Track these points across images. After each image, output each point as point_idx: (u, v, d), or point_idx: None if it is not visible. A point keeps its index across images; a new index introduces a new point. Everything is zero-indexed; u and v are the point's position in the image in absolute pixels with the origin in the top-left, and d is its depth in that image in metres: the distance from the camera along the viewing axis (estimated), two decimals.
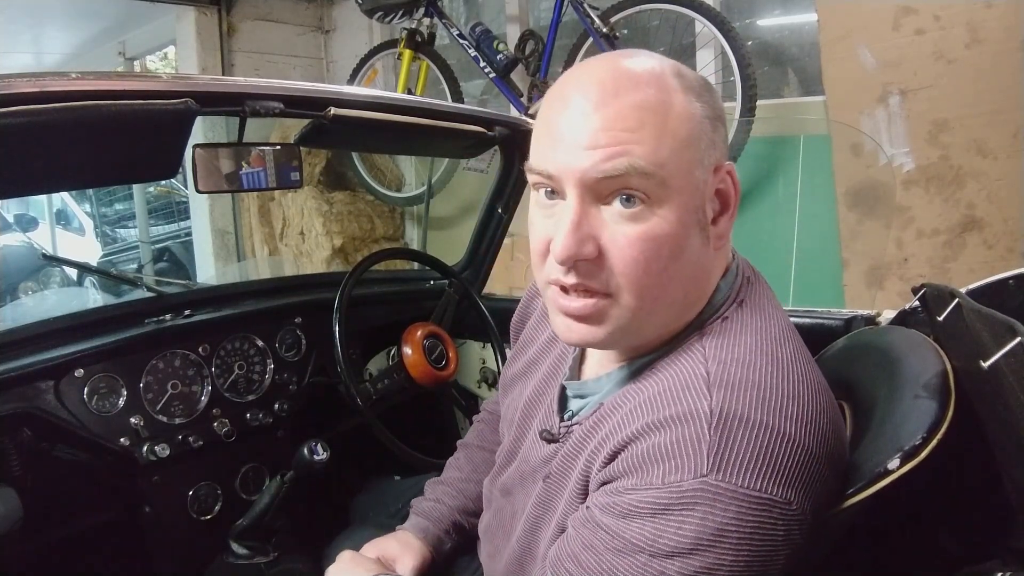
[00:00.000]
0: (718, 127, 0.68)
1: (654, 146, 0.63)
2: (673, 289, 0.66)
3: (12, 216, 5.53)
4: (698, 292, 0.70)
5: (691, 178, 0.65)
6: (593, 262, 0.64)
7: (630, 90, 0.64)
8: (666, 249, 0.64)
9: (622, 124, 0.63)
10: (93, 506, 1.35)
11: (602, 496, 0.63)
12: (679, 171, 0.64)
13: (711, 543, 0.57)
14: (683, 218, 0.64)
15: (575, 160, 0.63)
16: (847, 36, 2.17)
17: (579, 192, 0.64)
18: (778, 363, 0.64)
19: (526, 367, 0.91)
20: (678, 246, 0.65)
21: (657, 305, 0.66)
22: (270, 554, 1.28)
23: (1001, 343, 0.60)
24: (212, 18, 3.76)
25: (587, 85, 0.65)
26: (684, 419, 0.60)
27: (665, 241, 0.64)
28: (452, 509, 1.03)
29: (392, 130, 1.29)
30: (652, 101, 0.64)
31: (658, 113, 0.63)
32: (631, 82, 0.64)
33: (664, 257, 0.64)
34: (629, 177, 0.62)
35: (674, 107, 0.64)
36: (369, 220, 3.65)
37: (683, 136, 0.64)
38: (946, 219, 2.09)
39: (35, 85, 0.84)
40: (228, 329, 1.46)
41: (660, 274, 0.64)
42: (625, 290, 0.65)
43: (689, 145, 0.64)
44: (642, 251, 0.63)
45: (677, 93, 0.65)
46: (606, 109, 0.63)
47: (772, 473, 0.58)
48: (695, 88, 0.67)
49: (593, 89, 0.64)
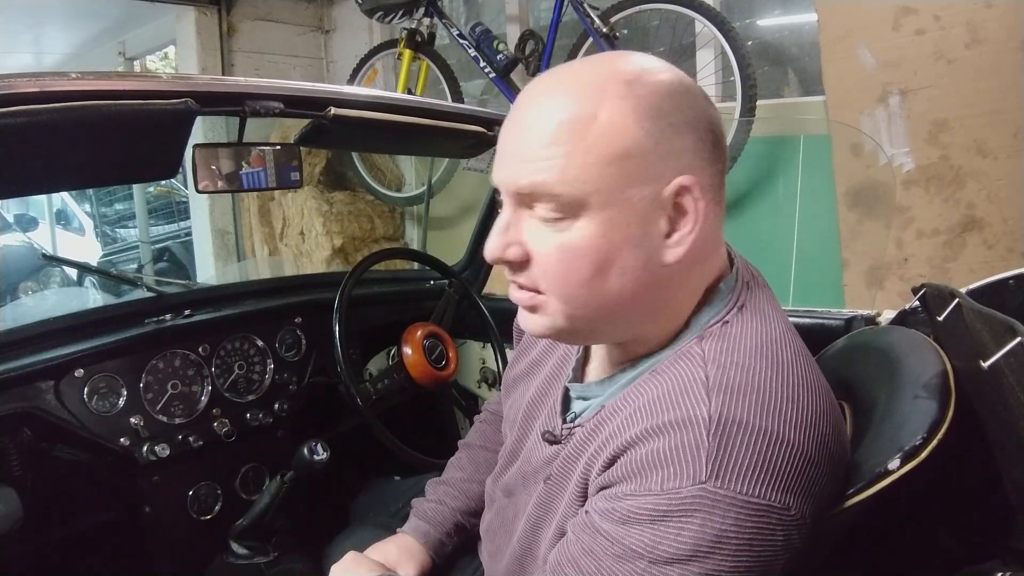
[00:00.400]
0: (675, 138, 0.63)
1: (564, 166, 0.62)
2: (605, 301, 0.66)
3: (12, 216, 5.53)
4: (664, 304, 0.68)
5: (619, 195, 0.62)
6: (523, 264, 0.67)
7: (552, 107, 0.64)
8: (586, 262, 0.64)
9: (536, 140, 0.63)
10: (93, 506, 1.36)
11: (601, 501, 0.63)
12: (600, 188, 0.62)
13: (710, 550, 0.57)
14: (609, 234, 0.63)
15: (502, 172, 0.67)
16: (847, 36, 2.17)
17: (510, 200, 0.67)
18: (778, 367, 0.63)
19: (528, 368, 0.91)
20: (603, 260, 0.64)
21: (593, 312, 0.66)
22: (270, 554, 1.28)
23: (1001, 343, 0.60)
24: (212, 18, 3.76)
25: (524, 97, 0.67)
26: (683, 425, 0.60)
27: (586, 254, 0.64)
28: (454, 511, 1.03)
29: (392, 130, 1.29)
30: (571, 118, 0.62)
31: (575, 130, 0.62)
32: (554, 95, 0.64)
33: (584, 269, 0.64)
34: (540, 195, 0.64)
35: (599, 122, 0.62)
36: (369, 220, 3.65)
37: (608, 152, 0.62)
38: (946, 219, 2.09)
39: (35, 85, 0.84)
40: (228, 329, 1.46)
41: (583, 285, 0.65)
42: (551, 293, 0.67)
43: (613, 163, 0.62)
44: (560, 260, 0.65)
45: (609, 107, 0.62)
46: (524, 123, 0.65)
47: (771, 479, 0.58)
48: (645, 98, 0.63)
49: (525, 101, 0.66)
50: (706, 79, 2.59)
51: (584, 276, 0.64)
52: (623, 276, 0.65)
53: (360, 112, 1.21)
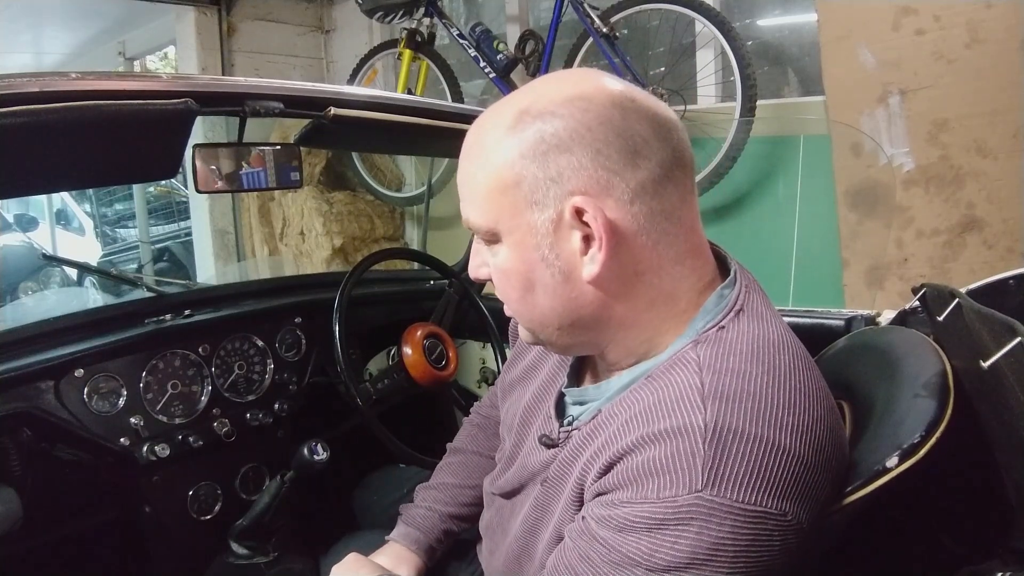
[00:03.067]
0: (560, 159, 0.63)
1: (472, 199, 0.69)
2: (549, 316, 0.70)
3: (12, 216, 5.53)
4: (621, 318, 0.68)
5: (519, 220, 0.66)
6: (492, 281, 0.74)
7: (468, 144, 0.70)
8: (512, 281, 0.70)
9: (461, 177, 0.71)
10: (93, 506, 1.36)
11: (598, 508, 0.63)
12: (503, 217, 0.67)
13: (707, 558, 0.57)
14: (523, 256, 0.68)
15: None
16: (847, 36, 2.17)
17: None
18: (774, 372, 0.63)
19: (525, 372, 0.91)
20: (526, 279, 0.69)
21: (540, 325, 0.72)
22: (270, 554, 1.28)
23: (1001, 343, 0.60)
24: (212, 18, 3.76)
25: None
26: (679, 433, 0.60)
27: (508, 275, 0.70)
28: (443, 516, 1.03)
29: (392, 130, 1.29)
30: (473, 155, 0.69)
31: (474, 167, 0.68)
32: (470, 136, 0.70)
33: (514, 287, 0.70)
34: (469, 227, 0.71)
35: (494, 157, 0.66)
36: (369, 220, 3.65)
37: (499, 184, 0.66)
38: (946, 219, 2.09)
39: (35, 85, 0.84)
40: (228, 329, 1.46)
41: (519, 301, 0.71)
42: (508, 308, 0.74)
43: (507, 190, 0.66)
44: (498, 280, 0.72)
45: (499, 136, 0.66)
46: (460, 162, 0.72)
47: (767, 486, 0.57)
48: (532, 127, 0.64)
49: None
50: (706, 79, 2.60)
51: (517, 295, 0.71)
52: (547, 294, 0.69)
53: (360, 112, 1.21)
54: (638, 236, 0.65)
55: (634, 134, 0.64)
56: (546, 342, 0.74)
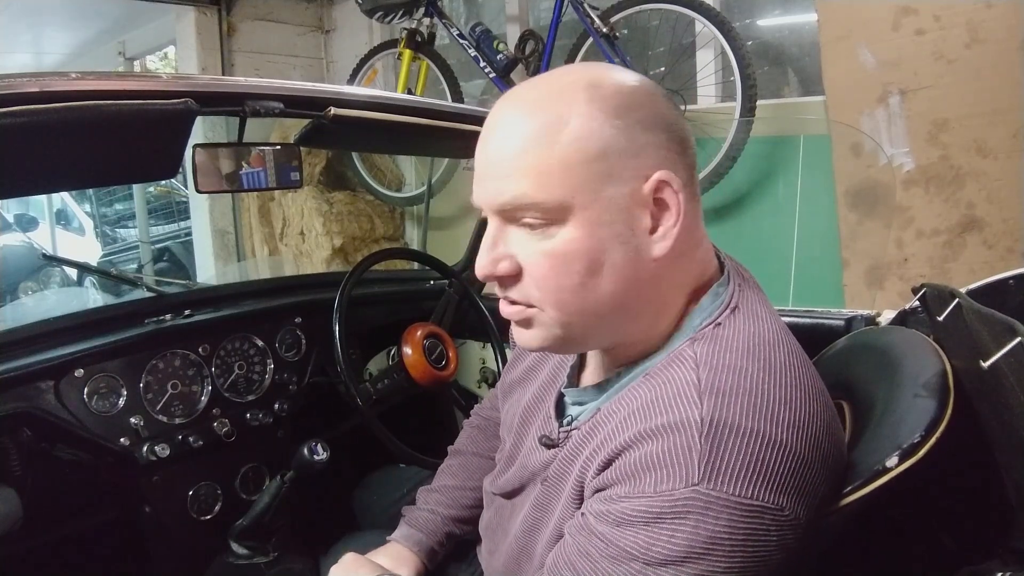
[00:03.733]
0: (642, 136, 0.64)
1: (539, 173, 0.63)
2: (599, 302, 0.66)
3: (12, 216, 5.53)
4: (652, 301, 0.69)
5: (599, 194, 0.64)
6: (515, 278, 0.68)
7: (518, 119, 0.65)
8: (577, 264, 0.65)
9: (509, 153, 0.65)
10: (93, 506, 1.36)
11: (596, 503, 0.64)
12: (580, 190, 0.63)
13: (704, 551, 0.57)
14: (594, 234, 0.64)
15: (481, 191, 0.68)
16: (847, 36, 2.17)
17: (493, 216, 0.68)
18: (771, 368, 0.63)
19: (525, 373, 0.91)
20: (592, 260, 0.65)
21: (587, 317, 0.67)
22: (270, 554, 1.28)
23: (1001, 343, 0.60)
24: (212, 18, 3.76)
25: (491, 116, 0.68)
26: (675, 428, 0.60)
27: (575, 257, 0.65)
28: (446, 519, 1.03)
29: (392, 130, 1.29)
30: (539, 127, 0.64)
31: (545, 139, 0.63)
32: (521, 111, 0.66)
33: (577, 272, 0.65)
34: (520, 208, 0.65)
35: (566, 129, 0.63)
36: (369, 220, 3.65)
37: (579, 157, 0.63)
38: (946, 219, 2.09)
39: (35, 85, 0.84)
40: (228, 329, 1.46)
41: (576, 289, 0.65)
42: (545, 303, 0.67)
43: (589, 164, 0.63)
44: (551, 267, 0.65)
45: (575, 111, 0.64)
46: (494, 139, 0.66)
47: (764, 480, 0.58)
48: (608, 99, 0.64)
49: (492, 120, 0.67)
50: (706, 79, 2.60)
51: (576, 280, 0.65)
52: (614, 274, 0.66)
53: (360, 112, 1.21)
54: (688, 217, 0.67)
55: (683, 127, 0.68)
56: (575, 337, 0.70)
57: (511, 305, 0.70)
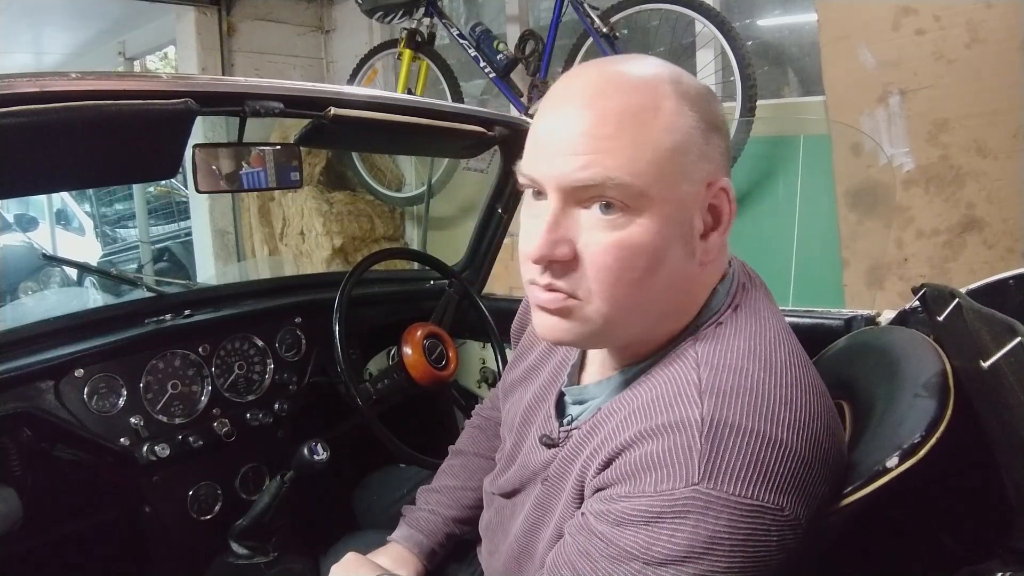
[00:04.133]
0: (713, 138, 0.65)
1: (632, 156, 0.61)
2: (648, 300, 0.65)
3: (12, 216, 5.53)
4: (682, 303, 0.69)
5: (676, 190, 0.63)
6: (567, 264, 0.64)
7: (613, 96, 0.63)
8: (642, 259, 0.63)
9: (602, 131, 0.62)
10: (93, 506, 1.35)
11: (597, 503, 0.63)
12: (661, 182, 0.62)
13: (704, 551, 0.57)
14: (664, 230, 0.63)
15: (554, 166, 0.63)
16: (847, 36, 2.17)
17: (559, 195, 0.64)
18: (771, 368, 0.63)
19: (526, 373, 0.91)
20: (656, 258, 0.63)
21: (631, 314, 0.66)
22: (270, 554, 1.28)
23: (1001, 343, 0.60)
24: (212, 18, 3.76)
25: (572, 89, 0.65)
26: (675, 427, 0.60)
27: (642, 251, 0.63)
28: (447, 520, 1.03)
29: (392, 130, 1.29)
30: (635, 108, 0.62)
31: (641, 121, 0.62)
32: (616, 88, 0.63)
33: (639, 267, 0.63)
34: (604, 187, 0.62)
35: (660, 115, 0.62)
36: (369, 220, 3.65)
37: (668, 146, 0.62)
38: (946, 219, 2.09)
39: (35, 85, 0.84)
40: (228, 329, 1.46)
41: (633, 283, 0.64)
42: (596, 295, 0.64)
43: (674, 156, 0.62)
44: (616, 259, 0.63)
45: (668, 100, 0.63)
46: (585, 115, 0.62)
47: (764, 480, 0.58)
48: (691, 96, 0.64)
49: (576, 93, 0.64)
50: (706, 79, 2.59)
51: (636, 276, 0.63)
52: (668, 274, 0.65)
53: (360, 112, 1.21)
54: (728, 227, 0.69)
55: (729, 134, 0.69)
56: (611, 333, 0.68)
57: (550, 292, 0.66)
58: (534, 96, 2.77)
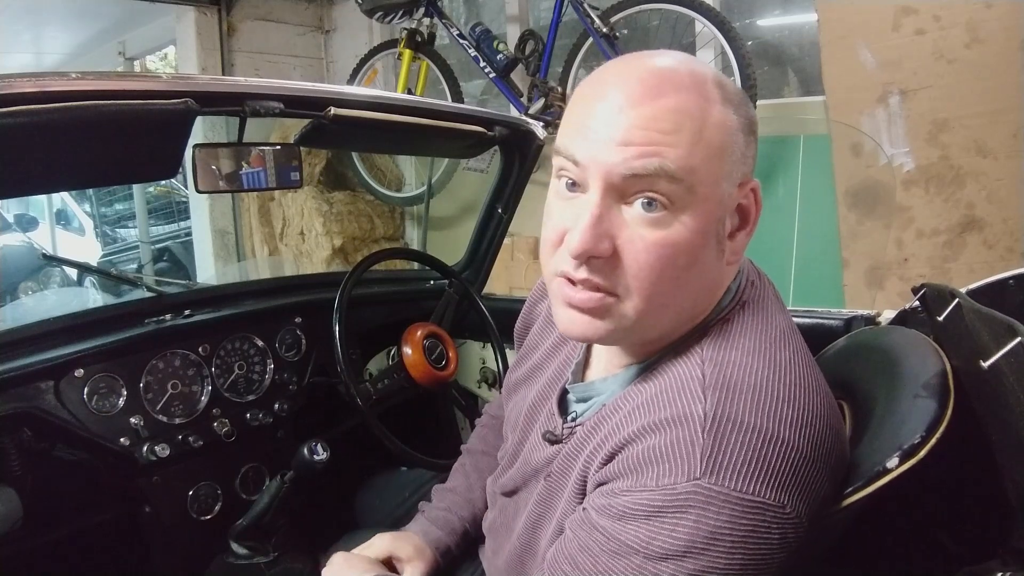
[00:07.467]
0: (750, 142, 0.67)
1: (687, 151, 0.61)
2: (681, 298, 0.66)
3: (12, 216, 5.53)
4: (706, 302, 0.70)
5: (717, 189, 0.64)
6: (606, 261, 0.63)
7: (670, 92, 0.63)
8: (682, 258, 0.63)
9: (658, 125, 0.61)
10: (93, 506, 1.35)
11: (598, 498, 0.63)
12: (707, 180, 0.63)
13: (704, 546, 0.57)
14: (703, 228, 0.64)
15: (605, 154, 0.62)
16: (847, 36, 2.17)
17: (603, 187, 0.63)
18: (775, 365, 0.64)
19: (530, 372, 0.91)
20: (694, 256, 0.64)
21: (663, 311, 0.66)
22: (270, 554, 1.27)
23: (1001, 343, 0.60)
24: (212, 18, 3.76)
25: (627, 80, 0.64)
26: (678, 422, 0.60)
27: (682, 249, 0.63)
28: (463, 520, 1.03)
29: (392, 130, 1.29)
30: (691, 106, 0.63)
31: (696, 119, 0.62)
32: (672, 84, 0.63)
33: (679, 265, 0.63)
34: (657, 179, 0.61)
35: (712, 115, 0.63)
36: (369, 220, 3.65)
37: (716, 146, 0.63)
38: (946, 219, 2.09)
39: (35, 85, 0.84)
40: (228, 329, 1.46)
41: (671, 281, 0.64)
42: (634, 292, 0.64)
43: (721, 155, 0.64)
44: (658, 257, 0.63)
45: (716, 102, 0.64)
46: (644, 107, 0.62)
47: (766, 477, 0.58)
48: (733, 99, 0.66)
49: (633, 85, 0.63)
50: None
51: (676, 274, 0.64)
52: (702, 272, 0.66)
53: (360, 112, 1.21)
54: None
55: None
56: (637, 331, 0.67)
57: (588, 291, 0.64)
58: (534, 96, 2.77)
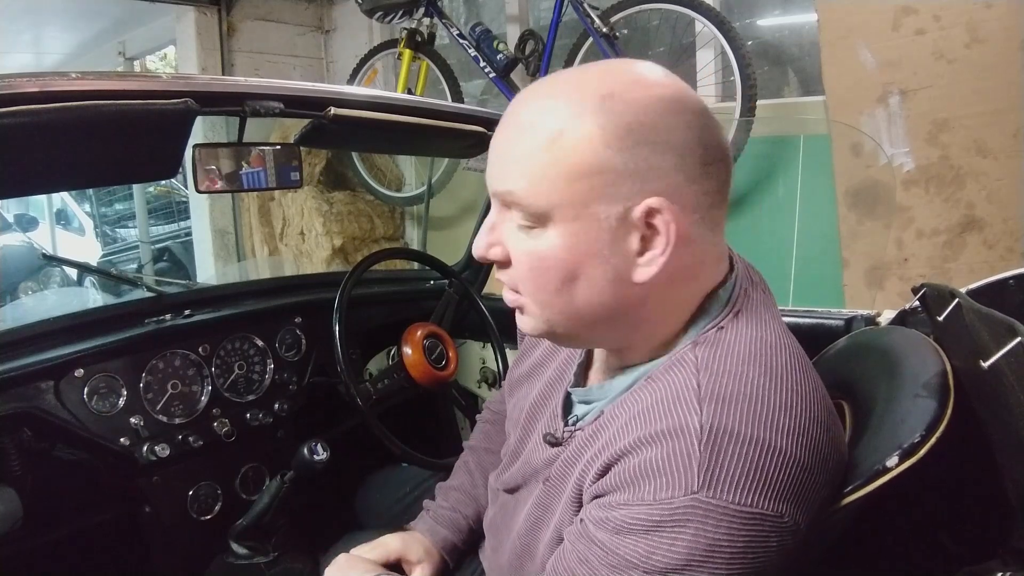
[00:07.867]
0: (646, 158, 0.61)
1: (533, 176, 0.63)
2: (582, 310, 0.66)
3: (12, 216, 5.53)
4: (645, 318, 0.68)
5: (586, 209, 0.62)
6: (504, 264, 0.69)
7: (525, 113, 0.65)
8: (554, 272, 0.65)
9: (510, 148, 0.65)
10: (93, 506, 1.36)
11: (596, 510, 0.63)
12: (567, 202, 0.62)
13: (704, 559, 0.57)
14: (575, 247, 0.64)
15: (488, 172, 0.68)
16: (847, 36, 2.17)
17: (495, 201, 0.68)
18: (771, 373, 0.63)
19: (531, 369, 0.91)
20: (569, 272, 0.65)
21: (567, 319, 0.68)
22: (270, 554, 1.28)
23: (1001, 343, 0.60)
24: (212, 18, 3.76)
25: (512, 102, 0.68)
26: (674, 434, 0.60)
27: (553, 263, 0.65)
28: (468, 518, 1.04)
29: (392, 130, 1.29)
30: (544, 128, 0.63)
31: (544, 142, 0.62)
32: (530, 106, 0.66)
33: (554, 279, 0.65)
34: (510, 202, 0.66)
35: (566, 137, 0.62)
36: (369, 220, 3.65)
37: (571, 169, 0.62)
38: (946, 219, 2.09)
39: (36, 85, 0.84)
40: (228, 329, 1.46)
41: (555, 292, 0.66)
42: (528, 296, 0.69)
43: (579, 178, 0.62)
44: (530, 266, 0.66)
45: (582, 121, 0.61)
46: (503, 131, 0.66)
47: (763, 488, 0.57)
48: (620, 116, 0.61)
49: (511, 107, 0.68)
50: (706, 79, 2.60)
51: (553, 285, 0.66)
52: (591, 289, 0.66)
53: (360, 112, 1.21)
54: (689, 243, 0.65)
55: (711, 146, 0.64)
56: (563, 335, 0.71)
57: (508, 291, 0.71)
58: None
